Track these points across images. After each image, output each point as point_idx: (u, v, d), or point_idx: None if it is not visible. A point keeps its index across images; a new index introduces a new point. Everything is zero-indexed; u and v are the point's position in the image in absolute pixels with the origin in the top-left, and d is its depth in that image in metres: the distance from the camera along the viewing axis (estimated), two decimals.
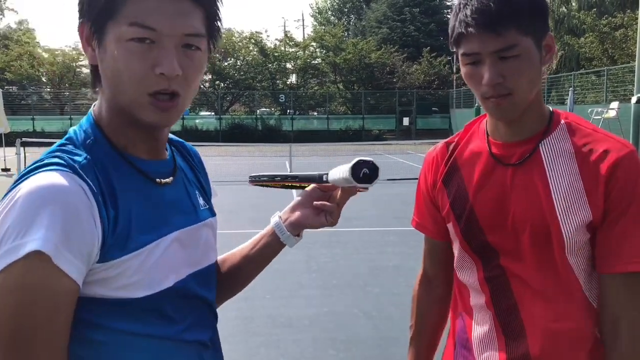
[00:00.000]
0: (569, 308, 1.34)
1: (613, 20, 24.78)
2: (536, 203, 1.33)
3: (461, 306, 1.51)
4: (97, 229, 0.93)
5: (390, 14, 40.43)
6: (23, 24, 40.86)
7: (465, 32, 1.26)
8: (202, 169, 1.27)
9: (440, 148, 1.54)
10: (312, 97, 36.74)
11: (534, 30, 1.26)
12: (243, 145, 23.19)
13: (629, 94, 17.06)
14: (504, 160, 1.38)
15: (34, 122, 31.53)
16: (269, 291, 5.46)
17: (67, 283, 0.90)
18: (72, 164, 0.95)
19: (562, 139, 1.35)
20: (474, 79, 1.31)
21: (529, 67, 1.27)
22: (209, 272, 1.16)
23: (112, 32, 0.96)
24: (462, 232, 1.43)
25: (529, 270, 1.35)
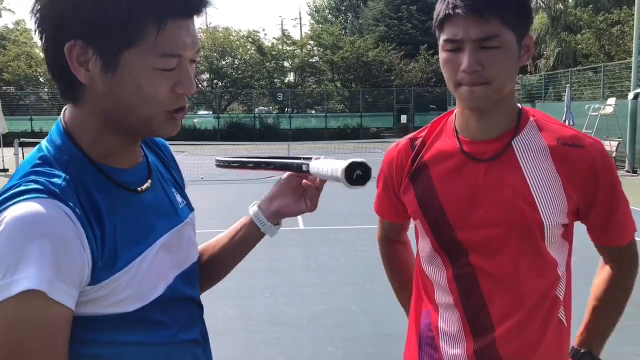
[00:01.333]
0: (540, 299, 1.39)
1: (609, 16, 24.78)
2: (513, 198, 1.35)
3: (426, 302, 1.52)
4: (86, 253, 0.92)
5: (387, 12, 40.39)
6: (20, 24, 40.65)
7: (452, 12, 1.27)
8: (173, 163, 1.25)
9: (403, 145, 1.54)
10: (309, 95, 36.72)
11: (517, 26, 1.29)
12: (241, 144, 23.19)
13: (625, 90, 17.08)
14: (476, 157, 1.39)
15: (32, 123, 31.49)
16: (268, 289, 5.47)
17: (62, 312, 0.89)
18: (51, 189, 0.90)
19: (534, 135, 1.38)
20: (451, 65, 1.32)
21: (508, 60, 1.29)
22: (193, 269, 1.17)
23: (136, 60, 0.94)
24: (431, 228, 1.44)
25: (501, 266, 1.37)
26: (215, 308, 4.87)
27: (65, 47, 0.93)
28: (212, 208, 9.27)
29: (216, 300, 5.08)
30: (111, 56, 0.94)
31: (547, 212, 1.34)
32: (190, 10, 0.96)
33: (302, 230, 7.87)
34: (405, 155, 1.51)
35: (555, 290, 1.41)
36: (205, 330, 1.20)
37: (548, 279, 1.39)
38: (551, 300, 1.40)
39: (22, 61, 34.54)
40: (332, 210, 9.24)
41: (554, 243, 1.39)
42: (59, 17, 0.93)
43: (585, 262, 2.06)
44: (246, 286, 5.52)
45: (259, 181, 12.82)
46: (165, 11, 0.93)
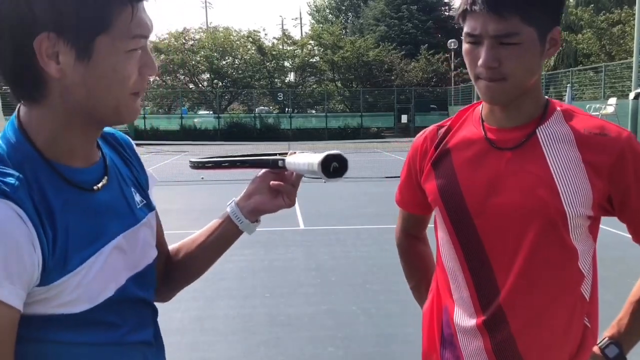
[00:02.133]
0: (562, 295, 1.34)
1: (610, 16, 24.79)
2: (534, 186, 1.31)
3: (444, 297, 1.50)
4: (36, 254, 0.90)
5: (387, 12, 40.41)
6: None
7: (470, 9, 1.26)
8: (136, 160, 1.21)
9: (430, 131, 1.53)
10: (310, 95, 36.75)
11: (539, 22, 1.25)
12: (242, 144, 23.18)
13: (626, 90, 17.07)
14: (499, 145, 1.37)
15: None
16: (268, 289, 5.46)
17: (10, 313, 0.88)
18: (3, 189, 0.88)
19: (560, 124, 1.35)
20: (471, 57, 1.31)
21: (528, 57, 1.26)
22: (147, 271, 1.14)
23: (108, 44, 0.94)
24: (450, 216, 1.42)
25: (519, 257, 1.33)
26: (215, 308, 4.87)
27: (35, 41, 0.91)
28: (213, 208, 9.25)
29: (216, 300, 5.08)
30: (85, 43, 0.93)
31: (570, 200, 1.30)
32: None
33: (302, 230, 7.84)
34: (431, 142, 1.50)
35: (580, 287, 1.36)
36: (158, 332, 1.18)
37: (570, 273, 1.35)
38: (575, 298, 1.36)
39: None
40: (332, 211, 9.23)
41: (579, 235, 1.33)
42: (25, 13, 0.91)
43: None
44: (246, 286, 5.52)
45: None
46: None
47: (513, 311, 1.34)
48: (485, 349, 1.37)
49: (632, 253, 6.75)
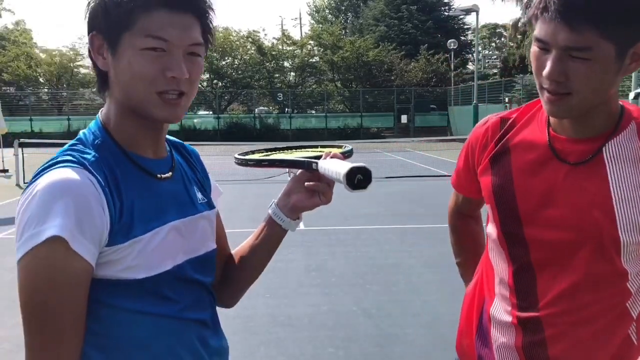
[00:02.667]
0: (603, 311, 1.29)
1: None
2: (590, 207, 1.24)
3: (486, 288, 1.49)
4: (105, 216, 1.07)
5: (387, 12, 40.40)
6: (20, 25, 40.70)
7: (541, 15, 1.16)
8: (201, 168, 1.37)
9: (492, 123, 1.45)
10: (310, 95, 36.72)
11: (619, 37, 1.12)
12: (241, 144, 23.16)
13: (626, 90, 17.07)
14: (562, 155, 1.29)
15: (32, 123, 31.49)
16: (269, 290, 5.46)
17: (82, 263, 1.04)
18: (82, 161, 1.09)
19: (631, 140, 1.26)
20: (538, 63, 1.21)
21: (600, 74, 1.15)
22: (205, 258, 1.26)
23: (128, 41, 1.09)
24: (500, 217, 1.38)
25: (563, 271, 1.29)
26: None
27: (88, 39, 1.13)
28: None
29: None
30: (113, 39, 1.10)
31: (627, 227, 1.23)
32: (170, 3, 1.10)
33: (303, 230, 7.89)
34: (492, 135, 1.43)
35: (625, 303, 1.30)
36: (216, 318, 1.31)
37: (615, 291, 1.29)
38: (618, 313, 1.30)
39: (22, 61, 34.54)
40: (332, 211, 9.20)
41: (631, 259, 1.27)
42: (87, 11, 1.13)
43: None
44: None
45: (259, 182, 12.84)
46: (147, 2, 1.08)
47: (549, 319, 1.32)
48: (516, 346, 1.37)
49: None
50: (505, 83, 28.20)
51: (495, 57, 55.12)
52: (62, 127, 31.61)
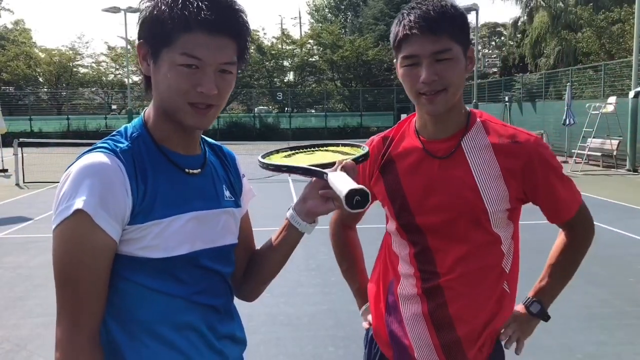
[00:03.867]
0: (486, 271, 1.65)
1: (610, 15, 24.79)
2: (460, 189, 1.60)
3: (391, 272, 1.78)
4: (128, 198, 1.21)
5: (387, 11, 40.36)
6: (19, 24, 40.66)
7: (410, 33, 1.51)
8: (234, 170, 1.51)
9: (377, 141, 1.81)
10: (309, 94, 36.71)
11: (462, 40, 1.55)
12: (241, 144, 23.16)
13: (626, 89, 17.07)
14: (432, 153, 1.65)
15: (31, 123, 31.46)
16: (268, 289, 5.41)
17: (104, 237, 1.19)
18: (114, 148, 1.25)
19: (480, 135, 1.64)
20: (410, 78, 1.56)
21: (459, 70, 1.54)
22: (224, 250, 1.38)
23: (167, 56, 1.23)
24: (396, 213, 1.71)
25: (452, 244, 1.63)
26: None
27: (136, 45, 1.29)
28: None
29: None
30: (155, 52, 1.25)
31: (491, 200, 1.60)
32: (208, 26, 1.22)
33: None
34: (378, 151, 1.77)
35: (501, 263, 1.67)
36: (231, 307, 1.45)
37: (493, 254, 1.65)
38: (497, 272, 1.67)
39: (21, 61, 34.52)
40: None
41: (499, 224, 1.64)
42: (139, 21, 1.28)
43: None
44: None
45: (259, 181, 12.84)
46: (188, 23, 1.21)
47: (448, 284, 1.64)
48: (423, 312, 1.68)
49: (629, 251, 6.77)
50: (505, 82, 28.20)
51: (495, 56, 55.16)
52: (61, 126, 31.60)
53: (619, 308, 4.86)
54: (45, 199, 11.18)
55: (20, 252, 6.82)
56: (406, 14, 1.55)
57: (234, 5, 1.27)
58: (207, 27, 1.22)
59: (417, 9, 1.53)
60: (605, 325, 4.51)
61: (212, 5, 1.22)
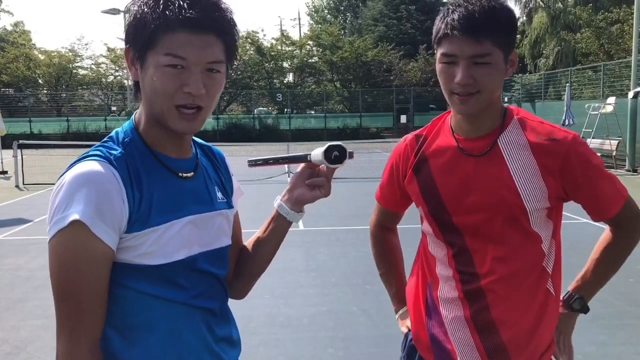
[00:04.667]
0: (527, 271, 1.60)
1: (609, 15, 24.79)
2: (498, 188, 1.57)
3: (428, 275, 1.74)
4: (124, 206, 1.19)
5: (386, 12, 40.41)
6: (19, 26, 40.70)
7: (451, 33, 1.48)
8: (225, 170, 1.50)
9: (410, 140, 1.78)
10: (309, 95, 36.72)
11: (505, 45, 1.50)
12: (241, 145, 23.16)
13: (625, 89, 17.07)
14: (468, 152, 1.62)
15: (31, 124, 31.46)
16: (268, 290, 5.46)
17: (102, 246, 1.17)
18: (108, 156, 1.22)
19: (516, 132, 1.60)
20: (446, 75, 1.53)
21: (496, 75, 1.51)
22: (220, 253, 1.38)
23: (152, 59, 1.21)
24: (432, 214, 1.67)
25: (491, 244, 1.59)
26: None
27: (124, 51, 1.28)
28: None
29: None
30: (141, 55, 1.23)
31: (529, 198, 1.56)
32: (191, 25, 1.20)
33: (302, 231, 7.92)
34: (411, 150, 1.74)
35: (542, 263, 1.62)
36: (227, 308, 1.44)
37: (533, 253, 1.60)
38: (538, 272, 1.61)
39: (21, 63, 34.52)
40: (332, 211, 9.23)
41: (538, 223, 1.59)
42: (125, 32, 1.26)
43: None
44: None
45: (259, 182, 12.84)
46: (170, 24, 1.19)
47: (489, 286, 1.60)
48: (465, 316, 1.63)
49: None
50: (505, 82, 28.19)
51: None
52: (61, 128, 31.59)
53: (619, 308, 4.86)
54: (45, 201, 11.16)
55: (20, 254, 6.84)
56: (451, 10, 1.50)
57: (218, 3, 1.25)
58: (190, 25, 1.19)
59: (462, 7, 1.48)
60: (605, 326, 4.51)
61: (194, 3, 1.20)
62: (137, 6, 1.23)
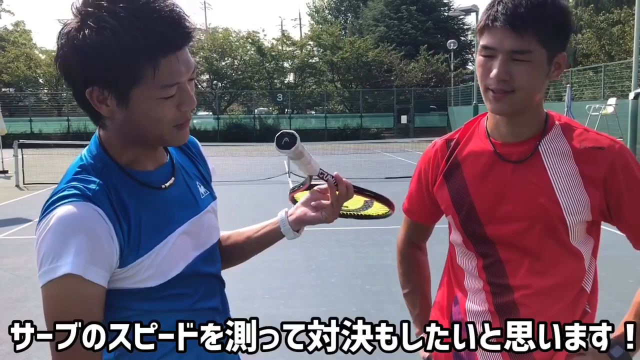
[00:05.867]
0: (565, 290, 1.48)
1: (610, 16, 24.79)
2: (536, 196, 1.46)
3: (456, 288, 1.64)
4: (114, 244, 1.15)
5: (387, 12, 40.40)
6: (19, 26, 40.69)
7: (491, 24, 1.39)
8: (200, 158, 1.46)
9: (440, 145, 1.65)
10: (309, 96, 36.74)
11: (550, 45, 1.39)
12: (241, 145, 23.19)
13: (626, 90, 17.07)
14: (505, 157, 1.50)
15: (32, 124, 31.49)
16: (268, 291, 5.46)
17: (96, 289, 1.13)
18: (87, 194, 1.14)
19: (559, 139, 1.49)
20: (483, 69, 1.43)
21: (536, 74, 1.40)
22: (213, 249, 1.39)
23: (142, 95, 1.14)
24: (462, 223, 1.56)
25: (527, 256, 1.48)
26: None
27: (86, 93, 1.15)
28: None
29: None
30: (122, 94, 1.14)
31: (570, 209, 1.44)
32: (176, 46, 1.14)
33: (305, 231, 7.91)
34: (442, 155, 1.63)
35: (581, 282, 1.51)
36: (225, 300, 1.44)
37: (574, 270, 1.49)
38: (577, 291, 1.50)
39: (22, 62, 34.53)
40: None
41: (578, 238, 1.48)
42: (71, 71, 1.15)
43: None
44: (246, 287, 5.51)
45: (258, 182, 12.83)
46: (155, 52, 1.11)
47: (522, 300, 1.49)
48: None
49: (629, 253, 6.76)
50: None
51: None
52: (61, 128, 31.61)
53: (618, 309, 4.85)
54: (45, 200, 11.14)
55: (20, 254, 6.83)
56: (497, 1, 1.40)
57: (181, 13, 1.16)
58: (174, 49, 1.13)
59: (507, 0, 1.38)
60: None
61: (170, 24, 1.12)
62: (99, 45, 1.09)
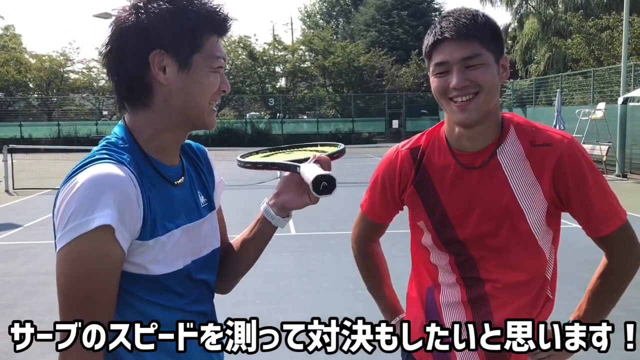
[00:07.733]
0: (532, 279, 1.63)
1: (599, 21, 24.99)
2: (501, 200, 1.59)
3: (429, 281, 1.75)
4: (140, 210, 1.18)
5: (378, 17, 40.55)
6: (9, 30, 40.40)
7: (441, 37, 1.52)
8: (206, 166, 1.49)
9: (405, 154, 1.74)
10: (301, 100, 36.74)
11: (493, 47, 1.53)
12: (233, 150, 23.12)
13: (615, 95, 17.21)
14: (469, 165, 1.63)
15: (22, 129, 31.27)
16: (259, 296, 5.44)
17: (120, 253, 1.16)
18: (120, 160, 1.20)
19: (513, 142, 1.61)
20: (441, 85, 1.54)
21: (491, 75, 1.51)
22: (209, 257, 1.40)
23: (203, 62, 1.26)
24: (435, 228, 1.68)
25: (495, 254, 1.62)
26: None
27: (151, 55, 1.22)
28: None
29: None
30: (186, 59, 1.24)
31: (529, 208, 1.58)
32: (223, 29, 1.30)
33: (294, 236, 7.85)
34: (409, 165, 1.72)
35: (545, 272, 1.65)
36: (213, 310, 1.47)
37: (538, 263, 1.63)
38: (542, 280, 1.65)
39: (12, 67, 34.30)
40: (323, 216, 9.23)
41: (541, 232, 1.61)
42: (144, 31, 1.22)
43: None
44: (237, 292, 5.46)
45: (250, 187, 12.83)
46: (210, 28, 1.26)
47: (493, 293, 1.63)
48: (468, 320, 1.64)
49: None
50: None
51: None
52: (51, 132, 31.43)
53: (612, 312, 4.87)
54: (34, 206, 11.11)
55: (9, 259, 6.81)
56: (437, 22, 1.57)
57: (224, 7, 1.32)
58: (220, 32, 1.29)
59: (448, 17, 1.54)
60: None
61: (217, 12, 1.29)
62: (170, 9, 1.23)
